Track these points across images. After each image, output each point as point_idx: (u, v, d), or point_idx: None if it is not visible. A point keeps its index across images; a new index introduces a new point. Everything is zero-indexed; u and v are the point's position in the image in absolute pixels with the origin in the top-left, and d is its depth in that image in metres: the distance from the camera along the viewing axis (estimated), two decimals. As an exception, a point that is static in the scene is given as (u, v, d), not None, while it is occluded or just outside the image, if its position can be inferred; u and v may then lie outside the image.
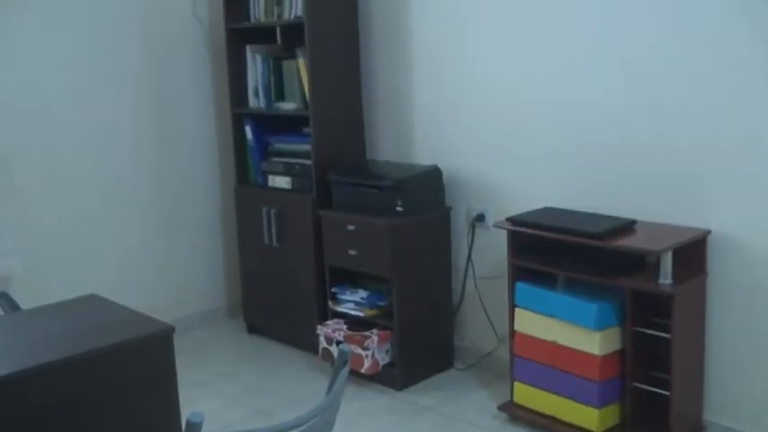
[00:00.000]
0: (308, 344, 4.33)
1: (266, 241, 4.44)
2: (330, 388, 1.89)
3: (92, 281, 4.31)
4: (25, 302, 3.03)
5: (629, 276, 3.16)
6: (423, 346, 4.01)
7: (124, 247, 4.54)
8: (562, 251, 3.36)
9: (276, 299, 4.51)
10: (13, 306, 3.00)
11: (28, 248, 4.08)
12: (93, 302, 2.60)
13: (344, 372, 1.90)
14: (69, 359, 2.11)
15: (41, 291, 4.05)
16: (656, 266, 3.11)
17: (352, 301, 4.02)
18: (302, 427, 1.73)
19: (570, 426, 3.31)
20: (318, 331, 4.05)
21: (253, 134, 4.52)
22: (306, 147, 4.23)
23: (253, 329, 4.77)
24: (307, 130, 4.24)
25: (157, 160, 4.63)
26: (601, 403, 3.21)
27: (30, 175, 4.15)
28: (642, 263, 3.25)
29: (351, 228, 3.94)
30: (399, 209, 3.85)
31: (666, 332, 3.08)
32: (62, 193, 4.27)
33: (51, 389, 2.09)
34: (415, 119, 4.21)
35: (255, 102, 4.48)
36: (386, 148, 4.38)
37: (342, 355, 1.91)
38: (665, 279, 3.05)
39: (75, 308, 2.55)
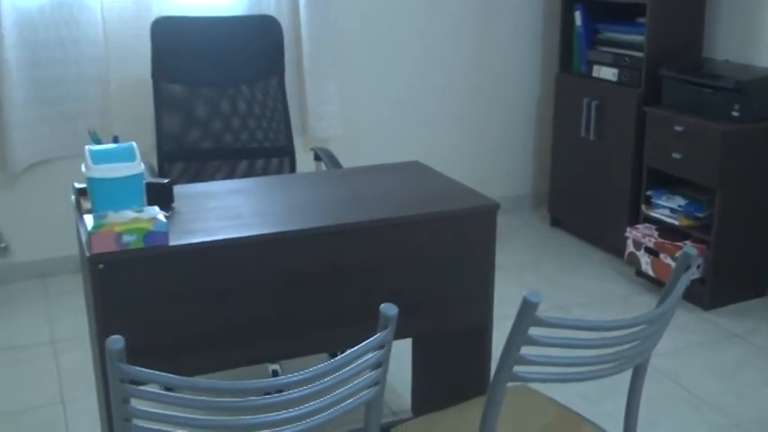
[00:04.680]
0: (612, 245, 4.16)
1: (582, 134, 4.26)
2: (668, 293, 1.73)
3: (405, 151, 4.41)
4: (344, 162, 3.14)
5: None
6: (738, 268, 3.68)
7: (439, 122, 4.57)
8: None
9: (584, 194, 4.35)
10: (335, 163, 3.11)
11: (350, 114, 4.24)
12: (417, 169, 2.61)
13: (686, 277, 1.73)
14: (399, 219, 2.14)
15: (358, 153, 4.23)
16: None
17: (667, 207, 3.77)
18: (632, 330, 1.60)
19: None
20: (627, 234, 3.86)
21: (582, 20, 4.29)
22: (638, 38, 3.95)
23: (556, 222, 4.66)
24: (641, 19, 3.95)
25: (480, 40, 4.56)
26: None
27: (356, 48, 4.26)
28: None
29: (678, 129, 3.65)
30: (735, 113, 3.49)
31: None
32: (386, 65, 4.36)
33: (376, 244, 2.13)
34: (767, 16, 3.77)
35: (589, -15, 4.24)
36: (727, 46, 3.97)
37: (685, 257, 1.74)
38: None
39: (401, 172, 2.56)
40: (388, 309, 1.49)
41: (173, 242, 1.96)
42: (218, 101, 3.24)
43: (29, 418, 2.84)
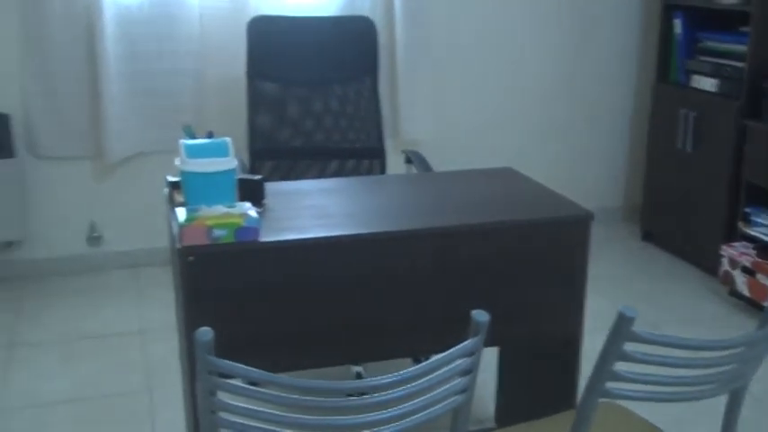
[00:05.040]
0: (706, 262, 4.03)
1: (679, 145, 4.13)
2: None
3: (496, 156, 4.37)
4: (435, 166, 3.12)
5: None
6: (844, 290, 3.52)
7: (531, 129, 4.51)
8: None
9: (678, 208, 4.22)
10: (426, 166, 3.09)
11: (441, 118, 4.22)
12: (510, 175, 2.56)
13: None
14: (491, 224, 2.10)
15: (448, 158, 4.20)
16: None
17: (766, 226, 3.63)
18: (731, 351, 1.53)
19: None
20: (722, 252, 3.72)
21: (682, 28, 4.17)
22: (741, 47, 3.81)
23: (647, 236, 4.54)
24: (744, 28, 3.81)
25: (577, 46, 4.48)
26: None
27: (449, 51, 4.23)
28: None
29: (782, 144, 3.51)
30: None
31: None
32: (479, 69, 4.32)
33: (467, 249, 2.11)
34: None
35: (692, -7, 4.11)
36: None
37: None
38: None
39: (494, 177, 2.53)
40: (480, 315, 1.46)
41: (263, 238, 1.97)
42: (311, 100, 3.26)
43: (115, 404, 2.90)
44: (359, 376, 2.91)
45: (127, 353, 3.26)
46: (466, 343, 1.47)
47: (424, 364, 1.42)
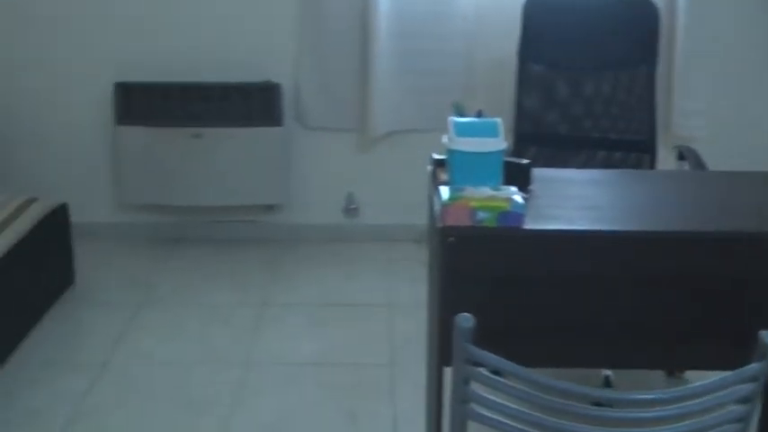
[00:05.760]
0: None
1: None
2: None
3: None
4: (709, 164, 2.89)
5: None
6: None
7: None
8: None
9: None
10: (700, 165, 2.86)
11: (717, 114, 3.91)
12: None
13: None
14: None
15: (723, 157, 3.88)
16: None
17: None
18: None
19: None
20: None
21: None
22: None
23: None
24: None
25: None
26: None
27: (735, 42, 3.91)
28: None
29: None
30: None
31: None
32: (763, 67, 3.95)
33: (741, 258, 1.91)
34: None
35: None
36: None
37: None
38: None
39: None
40: (769, 337, 1.29)
41: (527, 225, 1.88)
42: (582, 86, 3.11)
43: (358, 373, 2.95)
44: (607, 381, 2.76)
45: (373, 324, 3.30)
46: (749, 366, 1.31)
47: (692, 386, 1.27)
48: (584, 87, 3.13)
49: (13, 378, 2.89)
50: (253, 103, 3.80)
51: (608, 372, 2.80)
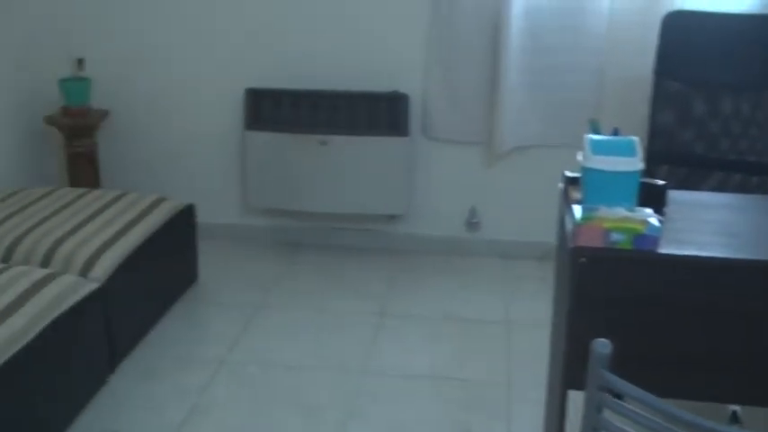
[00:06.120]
0: None
1: None
2: None
3: None
4: None
5: None
6: None
7: None
8: None
9: None
10: None
11: None
12: None
13: None
14: None
15: None
16: None
17: None
18: None
19: None
20: None
21: None
22: None
23: None
24: None
25: None
26: None
27: None
28: None
29: None
30: None
31: None
32: None
33: None
34: None
35: None
36: None
37: None
38: None
39: None
40: None
41: (662, 249, 1.81)
42: (721, 105, 2.98)
43: (474, 389, 2.91)
44: (735, 417, 2.63)
45: (490, 341, 3.25)
46: None
47: None
48: (723, 106, 3.01)
49: (135, 369, 2.99)
50: (380, 113, 3.82)
51: (736, 407, 2.67)
